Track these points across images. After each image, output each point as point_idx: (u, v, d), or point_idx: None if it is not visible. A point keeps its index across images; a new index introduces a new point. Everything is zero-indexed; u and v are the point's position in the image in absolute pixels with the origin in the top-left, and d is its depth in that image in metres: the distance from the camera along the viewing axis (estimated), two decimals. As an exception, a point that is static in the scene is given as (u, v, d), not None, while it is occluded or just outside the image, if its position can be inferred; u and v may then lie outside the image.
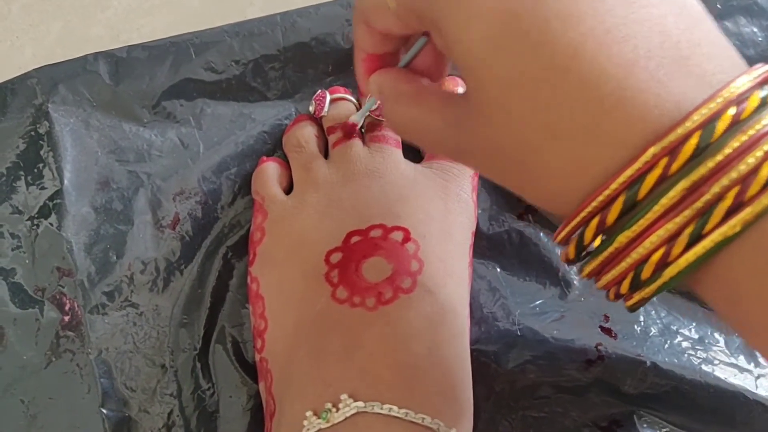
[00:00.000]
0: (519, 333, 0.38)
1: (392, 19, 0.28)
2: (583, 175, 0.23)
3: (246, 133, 0.42)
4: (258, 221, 0.39)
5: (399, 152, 0.40)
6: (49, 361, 0.38)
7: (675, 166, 0.22)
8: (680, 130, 0.21)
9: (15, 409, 0.37)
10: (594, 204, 0.23)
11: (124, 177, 0.41)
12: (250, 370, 0.39)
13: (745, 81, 0.22)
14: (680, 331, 0.39)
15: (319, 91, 0.42)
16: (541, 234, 0.41)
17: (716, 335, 0.39)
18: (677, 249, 0.22)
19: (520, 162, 0.25)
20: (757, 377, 0.37)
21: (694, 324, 0.39)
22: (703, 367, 0.37)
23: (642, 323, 0.39)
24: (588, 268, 0.25)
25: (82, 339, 0.38)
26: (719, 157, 0.21)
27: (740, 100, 0.22)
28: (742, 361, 0.38)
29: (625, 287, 0.24)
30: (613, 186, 0.23)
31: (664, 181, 0.22)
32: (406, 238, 0.36)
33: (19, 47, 0.47)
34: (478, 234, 0.40)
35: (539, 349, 0.38)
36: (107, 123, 0.42)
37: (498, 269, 0.40)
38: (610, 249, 0.24)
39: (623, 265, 0.24)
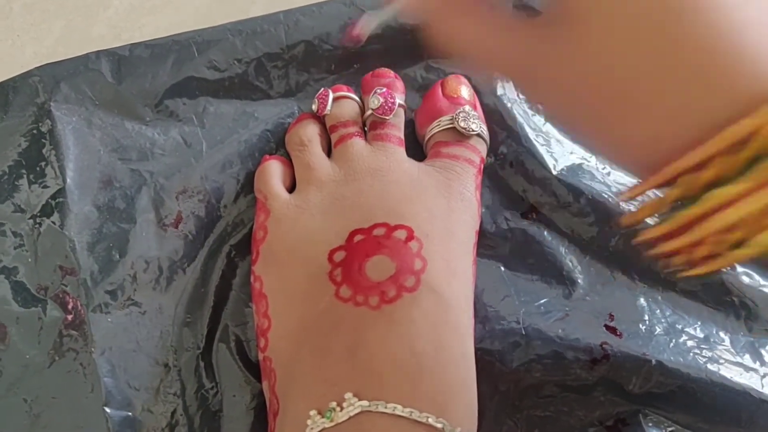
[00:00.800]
0: (524, 332, 0.38)
1: None
2: (685, 124, 0.22)
3: (249, 132, 0.42)
4: (261, 220, 0.39)
5: (402, 150, 0.40)
6: (53, 360, 0.38)
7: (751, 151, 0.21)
8: None
9: (18, 408, 0.37)
10: (688, 159, 0.22)
11: (127, 175, 0.41)
12: (254, 369, 0.38)
13: None
14: (685, 330, 0.39)
15: (322, 89, 0.41)
16: (545, 232, 0.40)
17: (721, 334, 0.39)
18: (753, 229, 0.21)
19: (614, 97, 0.23)
20: (763, 376, 0.37)
21: (699, 323, 0.39)
22: (709, 366, 0.37)
23: (647, 322, 0.38)
24: (660, 229, 0.24)
25: (85, 338, 0.38)
26: None
27: None
28: (747, 359, 0.38)
29: (702, 252, 0.23)
30: (714, 142, 0.21)
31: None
32: (410, 237, 0.36)
33: (20, 46, 0.46)
34: (482, 232, 0.40)
35: (544, 348, 0.38)
36: (110, 121, 0.42)
37: (502, 268, 0.40)
38: (695, 210, 0.22)
39: (707, 226, 0.22)
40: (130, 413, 0.37)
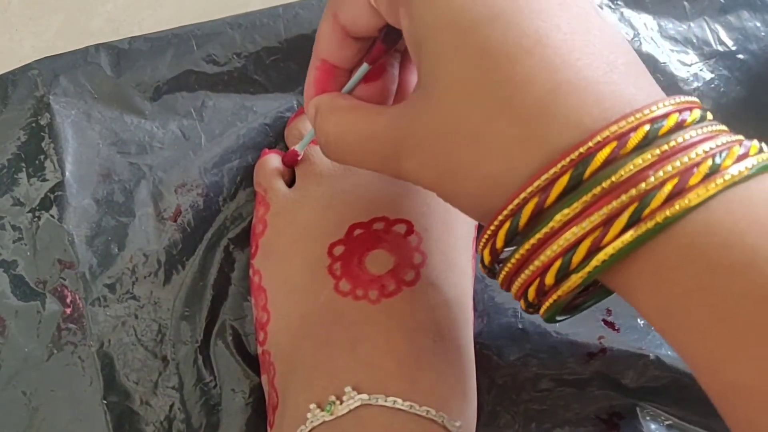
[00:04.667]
0: (521, 326, 0.38)
1: (363, 3, 0.30)
2: (531, 154, 0.24)
3: (247, 126, 0.42)
4: (260, 213, 0.39)
5: (402, 145, 0.40)
6: (51, 354, 0.38)
7: (587, 173, 0.23)
8: (591, 143, 0.23)
9: (17, 401, 0.37)
10: (510, 207, 0.25)
11: (126, 169, 0.41)
12: (252, 362, 0.39)
13: (665, 105, 0.24)
14: (682, 324, 0.39)
15: (321, 83, 0.41)
16: (544, 227, 0.41)
17: (718, 329, 0.39)
18: (577, 257, 0.23)
19: (467, 141, 0.26)
20: (759, 370, 0.37)
21: (695, 317, 0.39)
22: (705, 360, 0.37)
23: (644, 316, 0.39)
24: (502, 274, 0.27)
25: (84, 331, 0.38)
26: (622, 173, 0.23)
27: (656, 119, 0.23)
28: (743, 354, 0.38)
29: (531, 294, 0.25)
30: (523, 195, 0.24)
31: (572, 191, 0.23)
32: (409, 231, 0.36)
33: (18, 40, 0.46)
34: (480, 227, 0.40)
35: (541, 342, 0.38)
36: (109, 115, 0.42)
37: (500, 262, 0.40)
38: (517, 255, 0.25)
39: (527, 271, 0.25)
40: (128, 406, 0.37)
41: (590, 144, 0.23)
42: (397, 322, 0.34)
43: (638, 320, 0.38)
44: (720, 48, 0.44)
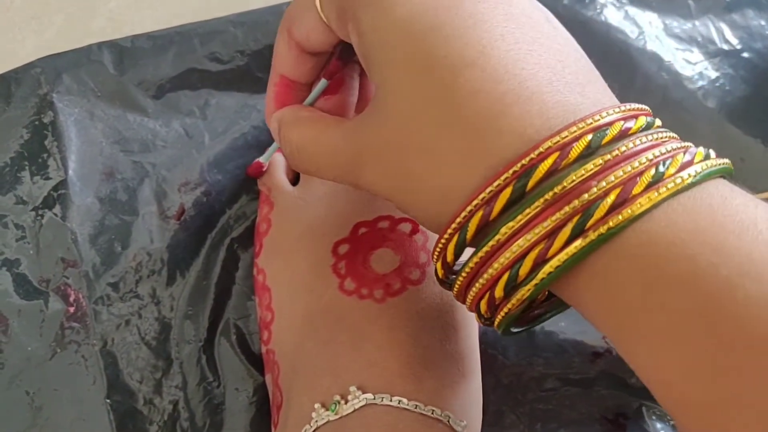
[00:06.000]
0: (526, 325, 0.38)
1: (315, 20, 0.30)
2: (478, 164, 0.24)
3: (251, 124, 0.42)
4: (264, 212, 0.39)
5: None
6: (54, 353, 0.38)
7: (530, 185, 0.23)
8: (533, 155, 0.23)
9: (20, 400, 0.37)
10: (458, 221, 0.24)
11: (129, 167, 0.41)
12: (256, 362, 0.38)
13: (609, 113, 0.23)
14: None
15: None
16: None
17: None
18: (524, 270, 0.23)
19: (419, 151, 0.25)
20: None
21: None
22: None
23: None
24: (456, 287, 0.26)
25: (87, 330, 0.38)
26: (564, 184, 0.22)
27: (599, 128, 0.23)
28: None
29: (483, 307, 0.25)
30: (469, 208, 0.24)
31: (516, 203, 0.23)
32: (414, 230, 0.36)
33: (20, 40, 0.46)
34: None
35: (547, 341, 0.38)
36: (112, 113, 0.41)
37: (505, 261, 0.40)
38: (467, 269, 0.25)
39: (478, 284, 0.25)
40: (132, 405, 0.37)
41: (533, 155, 0.23)
42: (402, 322, 0.34)
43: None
44: (725, 46, 0.44)
